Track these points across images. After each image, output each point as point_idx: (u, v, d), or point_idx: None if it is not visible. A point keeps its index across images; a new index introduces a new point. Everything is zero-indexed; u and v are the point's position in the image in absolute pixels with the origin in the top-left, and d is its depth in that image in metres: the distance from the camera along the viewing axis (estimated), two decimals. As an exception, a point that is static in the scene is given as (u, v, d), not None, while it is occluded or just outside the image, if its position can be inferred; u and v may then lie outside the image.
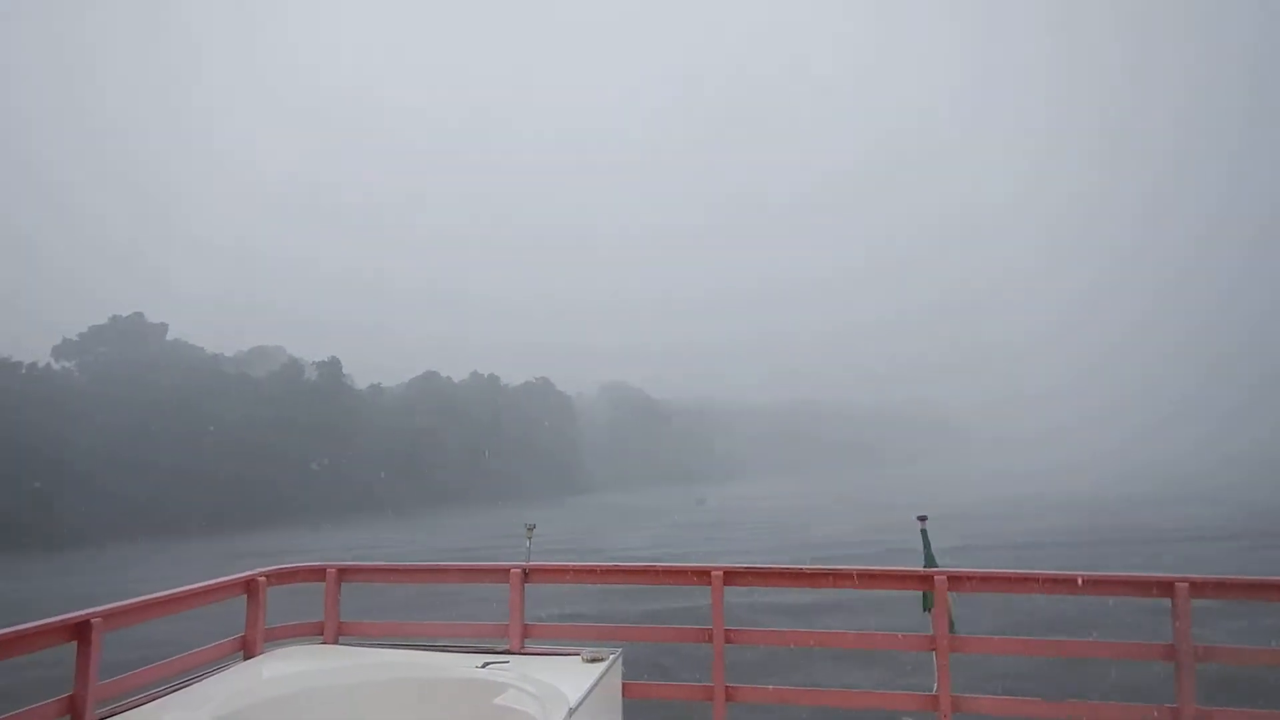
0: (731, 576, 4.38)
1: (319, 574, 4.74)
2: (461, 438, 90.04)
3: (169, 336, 77.72)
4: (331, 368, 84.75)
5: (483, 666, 3.95)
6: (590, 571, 4.88)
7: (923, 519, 4.53)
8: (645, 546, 36.16)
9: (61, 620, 3.39)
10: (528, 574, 4.59)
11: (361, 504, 73.61)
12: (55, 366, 69.15)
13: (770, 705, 4.54)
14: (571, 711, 3.22)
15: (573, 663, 4.05)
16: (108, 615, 3.52)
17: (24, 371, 63.10)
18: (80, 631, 3.39)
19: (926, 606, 4.15)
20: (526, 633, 4.49)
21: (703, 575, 4.39)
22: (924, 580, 4.17)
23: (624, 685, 4.18)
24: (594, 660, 4.03)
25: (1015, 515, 47.75)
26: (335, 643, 4.60)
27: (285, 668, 4.14)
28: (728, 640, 4.29)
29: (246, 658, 4.28)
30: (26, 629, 3.26)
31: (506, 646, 4.43)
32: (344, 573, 4.75)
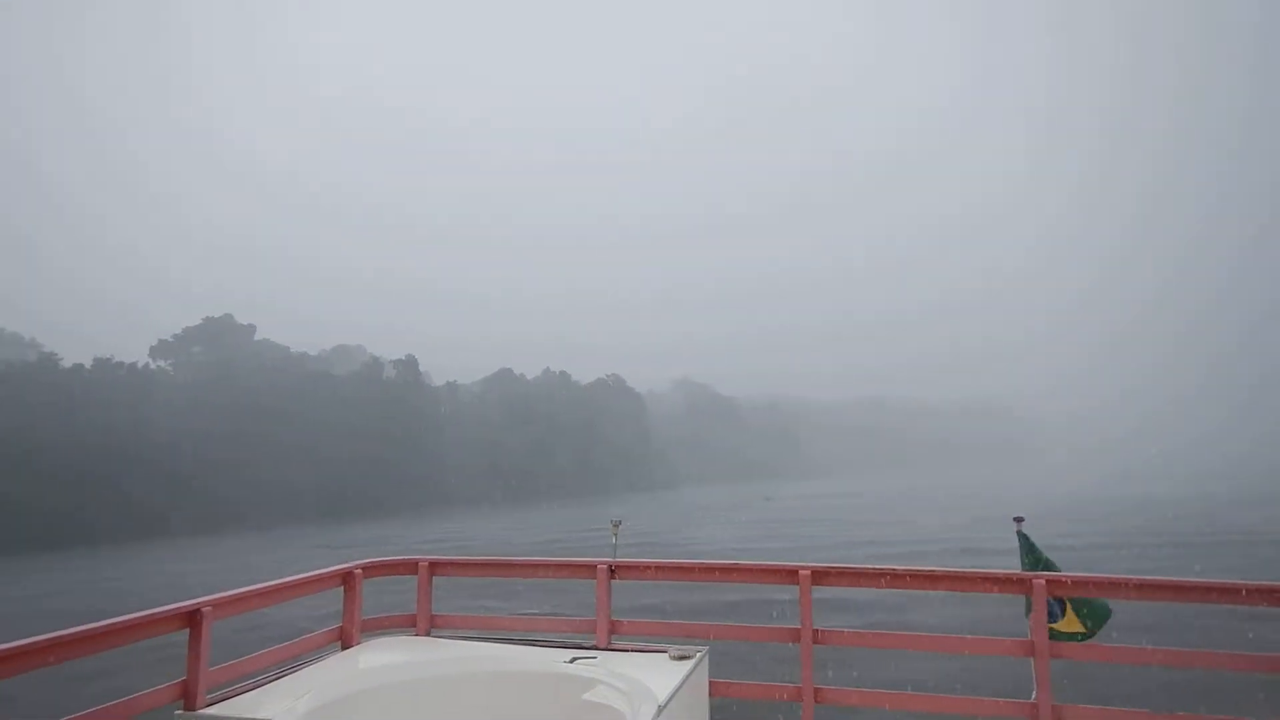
0: (820, 576, 4.30)
1: (411, 567, 4.83)
2: (534, 434, 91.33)
3: (257, 336, 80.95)
4: (409, 365, 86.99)
5: (570, 662, 3.96)
6: (676, 569, 4.85)
7: (1019, 520, 4.38)
8: (707, 542, 35.81)
9: (174, 609, 3.59)
10: (614, 570, 4.60)
11: (442, 498, 75.40)
12: (153, 366, 72.85)
13: (859, 708, 4.46)
14: (660, 709, 3.21)
15: (660, 660, 4.04)
16: (217, 604, 3.73)
17: (124, 372, 66.68)
18: (192, 620, 3.60)
19: (1028, 610, 4.03)
20: (613, 629, 4.48)
21: (790, 575, 4.34)
22: (1021, 584, 4.08)
23: (711, 684, 4.16)
24: (681, 658, 4.01)
25: (1096, 515, 45.72)
26: (427, 635, 4.70)
27: (380, 658, 4.27)
28: (817, 641, 4.22)
29: (344, 648, 4.42)
30: (142, 617, 3.47)
31: (594, 642, 4.44)
32: (435, 566, 4.84)
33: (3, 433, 53.71)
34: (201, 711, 3.50)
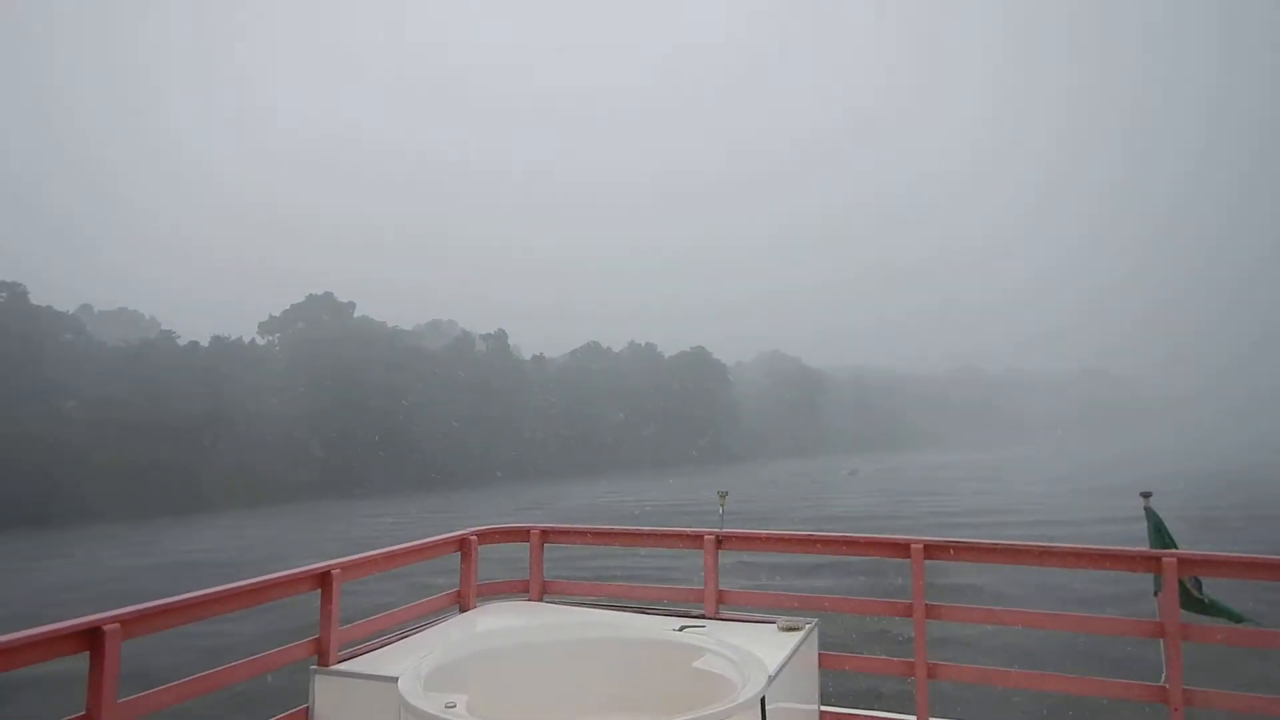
0: (933, 550, 4.18)
1: (524, 535, 4.97)
2: (621, 406, 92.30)
3: (355, 313, 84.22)
4: (499, 339, 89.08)
5: (680, 630, 4.01)
6: (783, 540, 4.79)
7: (1146, 495, 4.15)
8: (767, 512, 35.18)
9: (307, 570, 3.85)
10: (721, 540, 4.60)
11: (534, 469, 77.23)
12: (260, 341, 76.86)
13: (975, 685, 4.36)
14: (771, 679, 3.23)
15: (768, 631, 4.07)
16: (345, 567, 3.97)
17: (236, 348, 70.62)
18: (324, 581, 3.85)
19: (1157, 590, 3.85)
20: (721, 599, 4.50)
21: (901, 548, 4.24)
22: (1150, 561, 3.92)
23: (820, 655, 4.16)
24: (790, 629, 4.03)
25: (1217, 489, 43.04)
26: (540, 600, 4.85)
27: (496, 622, 4.47)
28: (930, 616, 4.11)
29: (462, 611, 4.64)
30: (278, 578, 3.73)
31: (702, 611, 4.46)
32: (546, 534, 4.97)
33: (136, 403, 57.80)
34: (334, 667, 3.74)
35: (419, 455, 71.60)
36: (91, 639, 2.92)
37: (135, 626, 3.07)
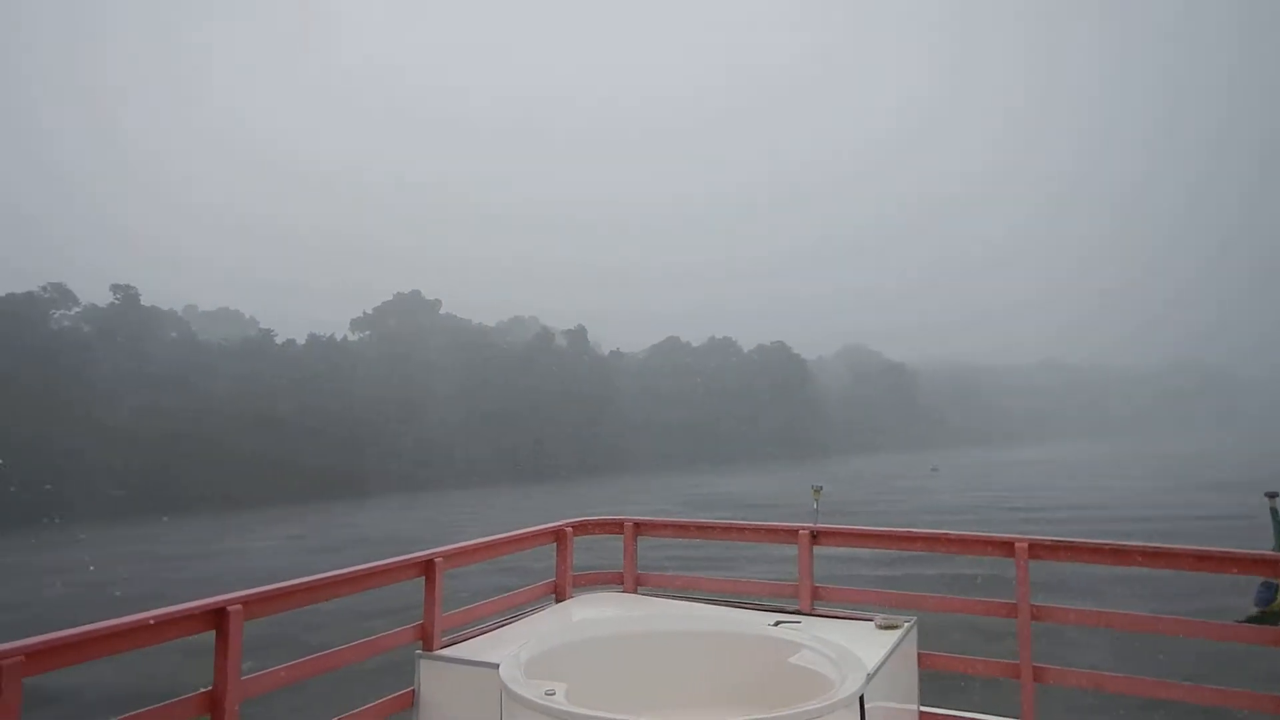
0: (1038, 549, 4.05)
1: (617, 527, 5.03)
2: (700, 401, 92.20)
3: (442, 310, 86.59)
4: (578, 335, 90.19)
5: (774, 625, 3.98)
6: (879, 536, 4.75)
7: (1272, 496, 3.94)
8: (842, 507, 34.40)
9: (411, 559, 3.99)
10: (816, 535, 4.57)
11: (615, 464, 77.97)
12: (352, 338, 79.84)
13: (1085, 689, 4.19)
14: (869, 677, 3.17)
15: (866, 628, 4.01)
16: (447, 555, 4.11)
17: (329, 346, 73.62)
18: (427, 569, 3.98)
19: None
20: (816, 594, 4.46)
21: (1004, 546, 4.12)
22: (1272, 565, 3.69)
23: (920, 655, 4.08)
24: (888, 627, 3.96)
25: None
26: (634, 592, 4.89)
27: (592, 612, 4.54)
28: (1035, 618, 3.98)
29: (558, 601, 4.73)
30: (385, 565, 3.90)
31: (796, 607, 4.43)
32: (640, 526, 5.02)
33: (244, 400, 61.00)
34: (438, 652, 3.88)
35: (502, 448, 73.23)
36: (217, 618, 3.11)
37: (256, 608, 3.26)
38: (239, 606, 3.14)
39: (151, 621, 2.97)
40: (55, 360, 55.34)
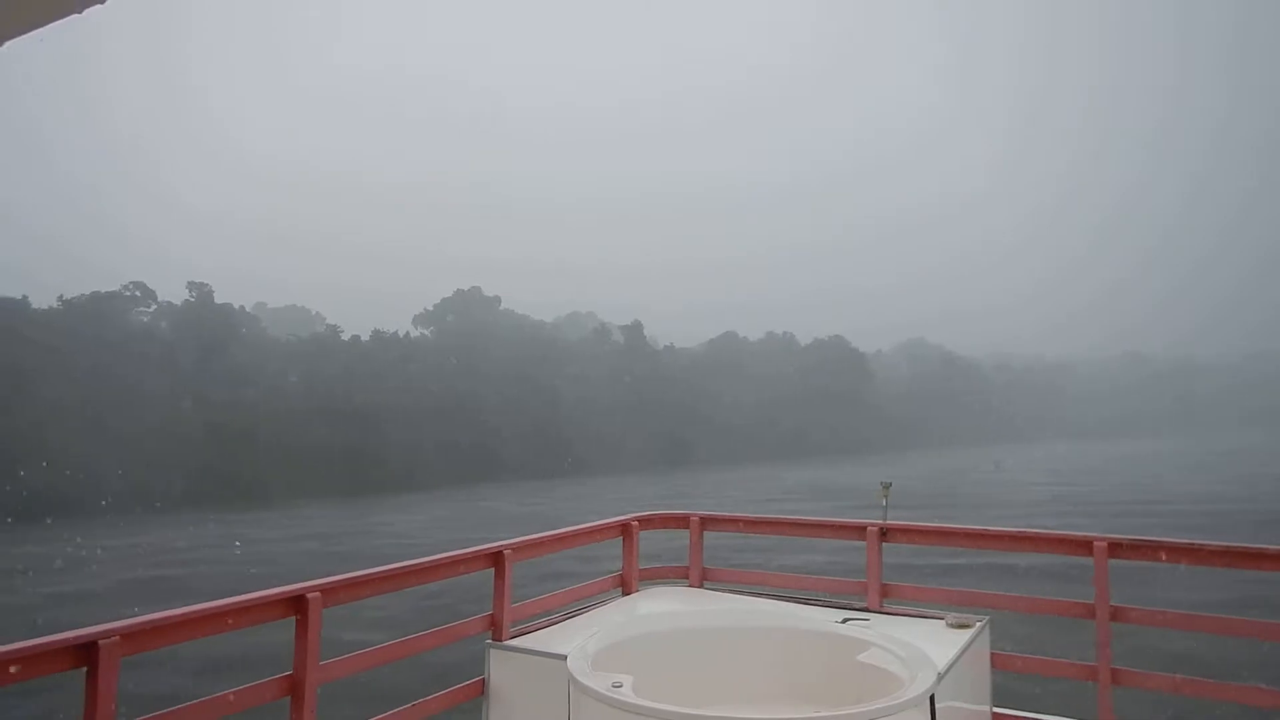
0: (1118, 549, 3.92)
1: (683, 521, 5.03)
2: (757, 395, 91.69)
3: (501, 306, 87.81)
4: (635, 330, 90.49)
5: (842, 622, 3.97)
6: (951, 534, 4.65)
7: None
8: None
9: (481, 550, 4.09)
10: (885, 532, 4.51)
11: (670, 457, 78.14)
12: (414, 334, 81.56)
13: (1165, 694, 4.06)
14: (940, 677, 3.12)
15: (936, 627, 3.95)
16: (516, 548, 4.18)
17: (393, 342, 75.34)
18: (496, 560, 4.07)
19: None
20: (885, 592, 4.41)
21: (1083, 546, 4.02)
22: None
23: (992, 655, 4.00)
24: (960, 626, 3.88)
25: None
26: (700, 586, 4.90)
27: (658, 606, 4.58)
28: (1114, 619, 3.86)
29: (624, 594, 4.77)
30: (457, 556, 4.00)
31: (864, 604, 4.39)
32: (706, 521, 5.01)
33: (306, 392, 62.97)
34: (507, 643, 3.96)
35: (560, 442, 74.00)
36: (297, 605, 3.23)
37: (334, 595, 3.38)
38: (318, 594, 3.26)
39: (236, 607, 3.12)
40: (140, 355, 58.01)
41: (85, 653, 2.58)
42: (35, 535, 36.46)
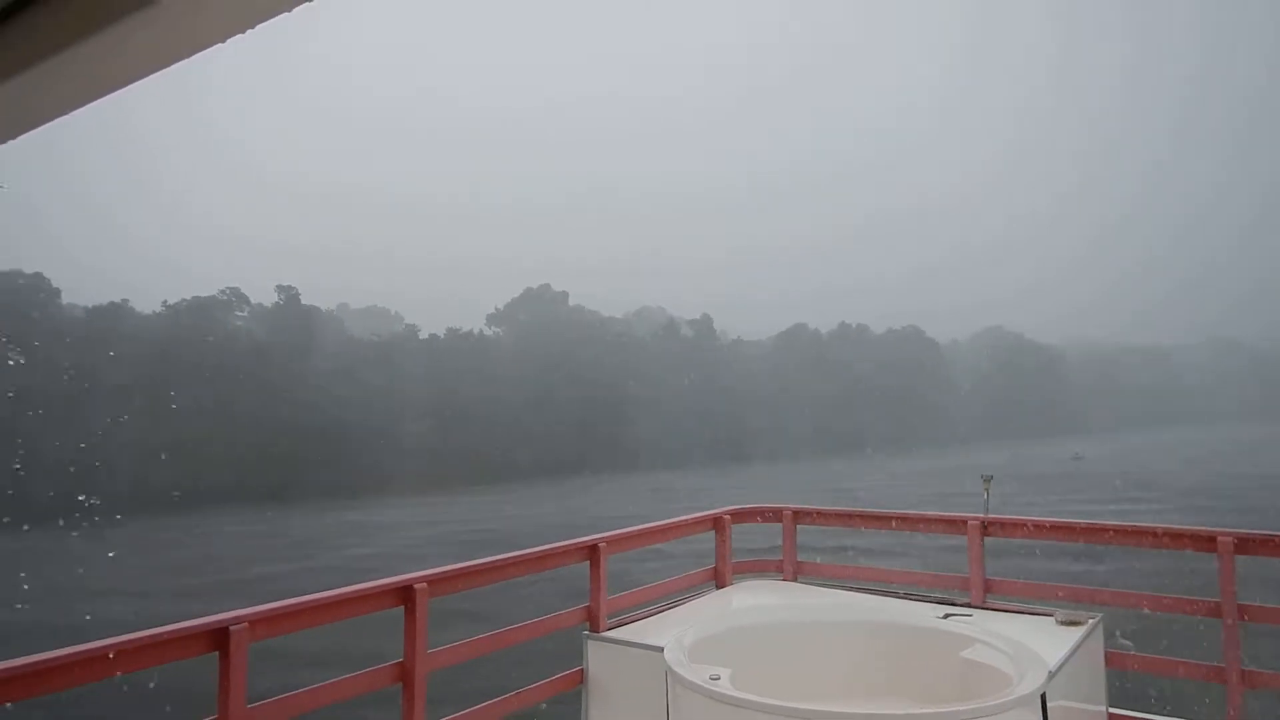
0: (1246, 544, 3.69)
1: (776, 515, 5.01)
2: (828, 388, 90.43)
3: (570, 302, 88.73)
4: (704, 324, 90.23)
5: (944, 617, 3.90)
6: (1059, 528, 4.43)
7: None
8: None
9: (577, 543, 4.17)
10: (987, 526, 4.38)
11: (742, 451, 77.79)
12: (488, 332, 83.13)
13: None
14: (1051, 675, 3.05)
15: (1045, 624, 3.83)
16: (611, 540, 4.25)
17: (468, 339, 77.06)
18: (592, 553, 4.14)
19: None
20: (988, 587, 4.28)
21: (1205, 541, 3.82)
22: None
23: (1107, 654, 3.87)
24: (1070, 623, 3.76)
25: None
26: (794, 580, 4.86)
27: (752, 599, 4.59)
28: (1244, 618, 3.65)
29: (718, 587, 4.77)
30: (555, 549, 4.11)
31: (967, 600, 4.28)
32: (799, 514, 4.97)
33: (388, 389, 65.10)
34: (605, 634, 4.03)
35: (633, 437, 74.52)
36: (405, 595, 3.36)
37: (440, 586, 3.50)
38: (424, 585, 3.39)
39: (352, 596, 3.27)
40: (237, 357, 61.01)
41: (217, 637, 2.75)
42: (237, 516, 40.04)
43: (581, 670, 3.98)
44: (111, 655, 2.55)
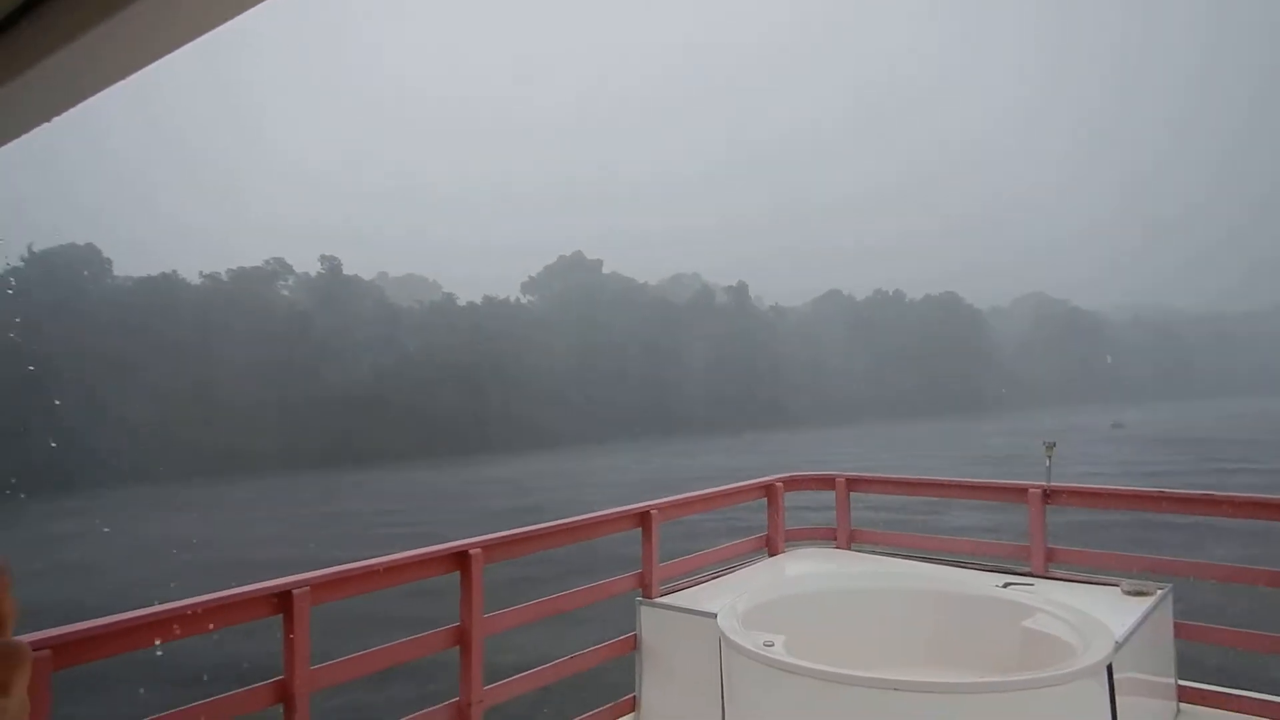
0: None
1: (829, 483, 4.95)
2: (866, 354, 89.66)
3: (605, 270, 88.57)
4: (739, 291, 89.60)
5: (1004, 586, 3.84)
6: (1126, 496, 4.34)
7: None
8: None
9: (628, 510, 4.18)
10: (1049, 494, 4.27)
11: (778, 419, 77.61)
12: (523, 300, 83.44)
13: None
14: (1119, 646, 2.99)
15: (1111, 594, 3.74)
16: (663, 508, 4.24)
17: (503, 307, 77.49)
18: (644, 520, 4.15)
19: None
20: (1050, 556, 4.19)
21: (1276, 509, 3.72)
22: None
23: (1176, 625, 3.78)
24: (1137, 594, 3.66)
25: None
26: (847, 548, 4.82)
27: (806, 567, 4.58)
28: None
29: (770, 555, 4.76)
30: (605, 515, 4.13)
31: (1028, 569, 4.20)
32: (852, 483, 4.91)
33: (428, 358, 65.96)
34: (658, 600, 4.04)
35: (667, 403, 74.73)
36: (460, 560, 3.39)
37: (494, 552, 3.52)
38: (479, 550, 3.41)
39: (410, 561, 3.31)
40: (284, 326, 62.18)
41: (281, 600, 2.80)
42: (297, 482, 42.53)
43: (635, 636, 4.00)
44: (187, 616, 2.61)
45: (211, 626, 2.71)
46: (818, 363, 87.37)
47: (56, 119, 0.63)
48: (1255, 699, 3.59)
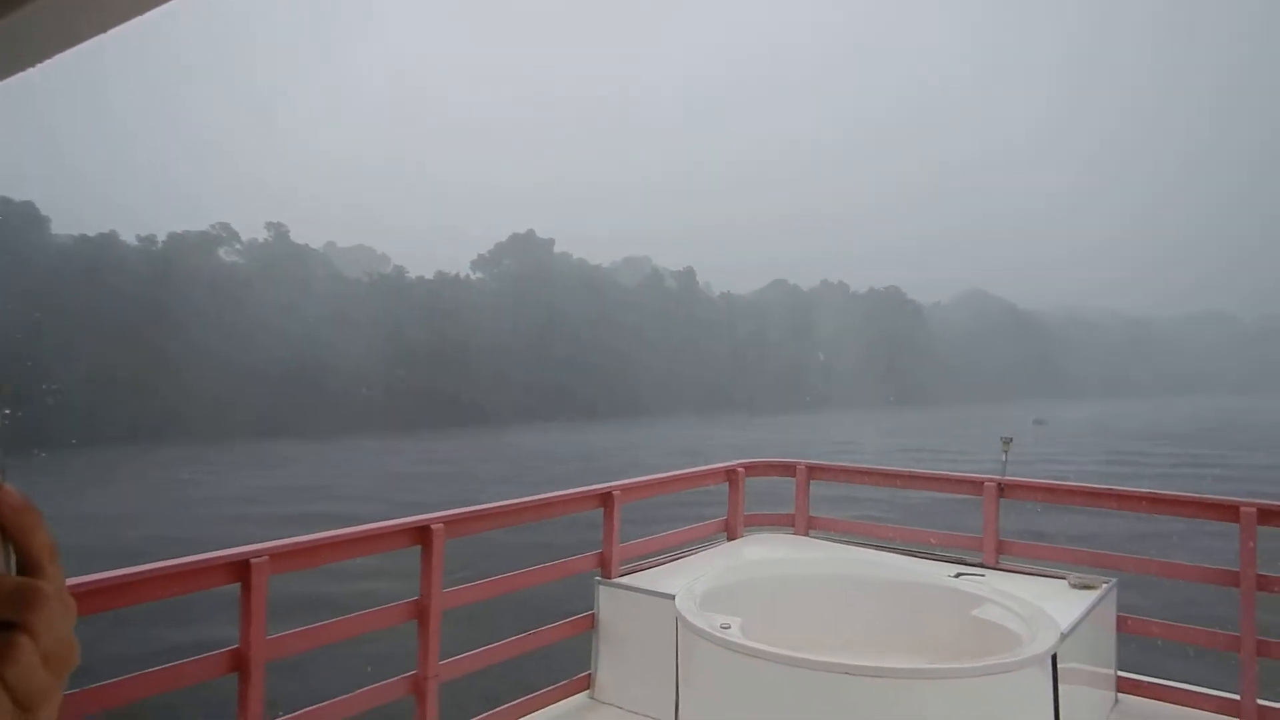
0: (1269, 516, 3.66)
1: (790, 470, 4.99)
2: (811, 344, 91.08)
3: (556, 250, 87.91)
4: (687, 276, 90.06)
5: (955, 576, 3.92)
6: (1079, 493, 4.47)
7: None
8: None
9: (590, 490, 4.17)
10: (1004, 488, 4.34)
11: (709, 402, 78.36)
12: (473, 277, 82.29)
13: None
14: (1063, 637, 3.07)
15: (1058, 586, 3.84)
16: (624, 489, 4.25)
17: (453, 283, 76.37)
18: (605, 501, 4.15)
19: None
20: (1001, 549, 4.25)
21: (1228, 510, 3.77)
22: None
23: (1119, 618, 3.89)
24: (1083, 586, 3.77)
25: None
26: (805, 534, 4.89)
27: (764, 552, 4.62)
28: (1262, 588, 3.62)
29: (729, 539, 4.79)
30: (566, 495, 4.11)
31: (979, 560, 4.28)
32: (813, 470, 4.97)
33: (377, 331, 64.68)
34: (616, 580, 4.05)
35: (616, 384, 74.73)
36: (422, 535, 3.36)
37: (456, 527, 3.50)
38: (441, 525, 3.38)
39: (368, 534, 3.28)
40: (225, 291, 60.20)
41: (239, 569, 2.74)
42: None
43: (593, 615, 4.01)
44: (143, 580, 2.58)
45: (168, 594, 2.66)
46: (768, 349, 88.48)
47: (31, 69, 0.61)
48: (1188, 690, 3.75)
